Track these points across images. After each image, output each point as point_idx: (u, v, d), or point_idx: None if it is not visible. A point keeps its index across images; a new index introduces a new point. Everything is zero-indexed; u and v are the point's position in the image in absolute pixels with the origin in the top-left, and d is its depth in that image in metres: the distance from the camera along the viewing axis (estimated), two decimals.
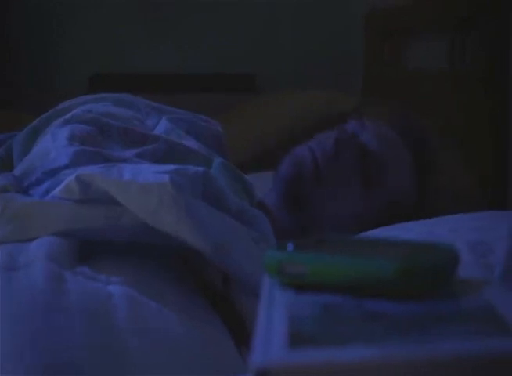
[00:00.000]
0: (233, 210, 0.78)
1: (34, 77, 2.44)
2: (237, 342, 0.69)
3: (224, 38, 2.45)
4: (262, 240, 0.76)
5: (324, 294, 0.46)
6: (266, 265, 0.49)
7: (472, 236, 0.78)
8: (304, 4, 2.45)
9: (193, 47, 2.46)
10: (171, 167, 0.77)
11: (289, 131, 1.75)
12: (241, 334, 0.71)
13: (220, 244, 0.70)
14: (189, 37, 2.45)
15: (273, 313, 0.44)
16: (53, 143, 0.85)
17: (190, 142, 0.94)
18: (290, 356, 0.39)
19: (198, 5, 2.43)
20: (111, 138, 0.89)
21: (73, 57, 2.45)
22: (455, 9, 2.17)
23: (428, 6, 2.20)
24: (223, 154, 0.99)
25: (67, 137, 0.85)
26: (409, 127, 1.11)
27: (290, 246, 0.49)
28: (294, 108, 1.84)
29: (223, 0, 2.43)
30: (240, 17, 2.46)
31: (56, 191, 0.75)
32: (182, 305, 0.68)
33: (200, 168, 0.78)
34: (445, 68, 2.22)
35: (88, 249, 0.72)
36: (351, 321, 0.43)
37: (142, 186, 0.71)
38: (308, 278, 0.47)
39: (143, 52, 2.44)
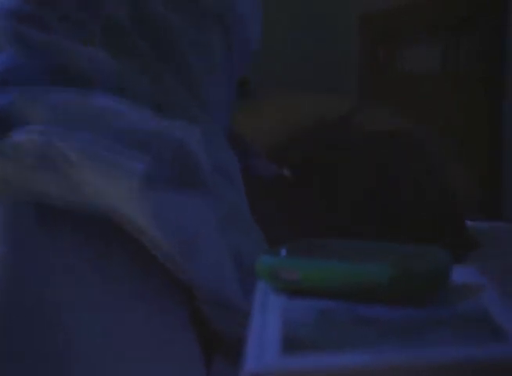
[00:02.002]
0: (209, 180, 0.72)
1: None
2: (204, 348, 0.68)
3: None
4: (232, 215, 0.74)
5: (319, 299, 0.46)
6: (259, 271, 0.49)
7: None
8: (301, 6, 2.44)
9: None
10: (149, 137, 0.69)
11: (285, 134, 1.75)
12: (208, 340, 0.70)
13: (185, 242, 0.67)
14: None
15: (267, 318, 0.44)
16: None
17: None
18: (284, 361, 0.39)
19: None
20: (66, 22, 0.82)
21: None
22: (454, 9, 2.17)
23: (427, 6, 2.20)
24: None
25: None
26: None
27: (283, 251, 0.49)
28: (290, 111, 1.84)
29: None
30: None
31: (6, 144, 0.66)
32: (145, 301, 0.66)
33: (176, 142, 0.71)
34: (444, 69, 2.22)
35: (46, 214, 0.66)
36: (347, 326, 0.42)
37: (109, 171, 0.64)
38: (302, 284, 0.47)
39: None
